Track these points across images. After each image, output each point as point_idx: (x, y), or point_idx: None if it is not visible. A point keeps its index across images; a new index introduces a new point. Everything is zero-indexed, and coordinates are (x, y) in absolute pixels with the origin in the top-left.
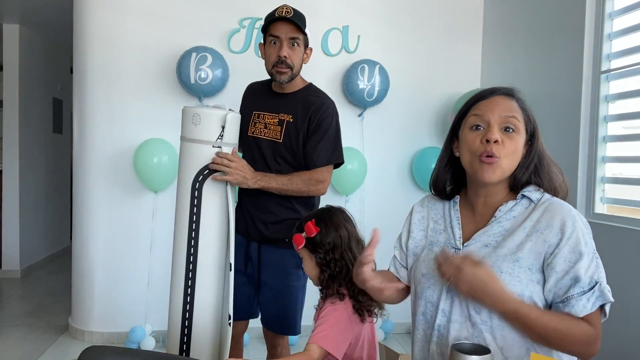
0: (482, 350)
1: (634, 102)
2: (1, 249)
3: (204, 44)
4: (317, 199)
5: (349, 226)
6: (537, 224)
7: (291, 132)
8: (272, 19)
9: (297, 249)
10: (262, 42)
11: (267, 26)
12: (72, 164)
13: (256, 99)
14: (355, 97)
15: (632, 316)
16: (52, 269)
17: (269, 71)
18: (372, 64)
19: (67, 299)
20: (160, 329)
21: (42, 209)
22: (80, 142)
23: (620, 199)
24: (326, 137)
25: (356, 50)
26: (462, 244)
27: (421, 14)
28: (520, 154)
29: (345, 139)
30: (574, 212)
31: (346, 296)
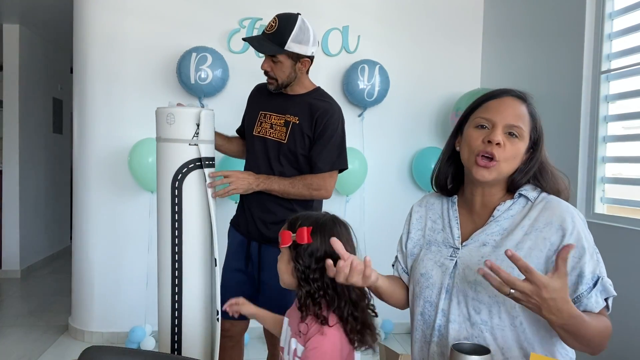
0: (482, 350)
1: (634, 102)
2: (1, 249)
3: (204, 44)
4: (320, 201)
5: (348, 248)
6: (536, 223)
7: (296, 133)
8: (262, 33)
9: (280, 245)
10: None
11: None
12: (72, 164)
13: (263, 99)
14: (355, 97)
15: (633, 316)
16: (52, 269)
17: None
18: (372, 64)
19: (67, 299)
20: None
21: (42, 209)
22: (80, 142)
23: (620, 199)
24: (331, 143)
25: (356, 50)
26: (461, 243)
27: (421, 14)
28: (520, 159)
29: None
30: (571, 208)
31: (335, 322)
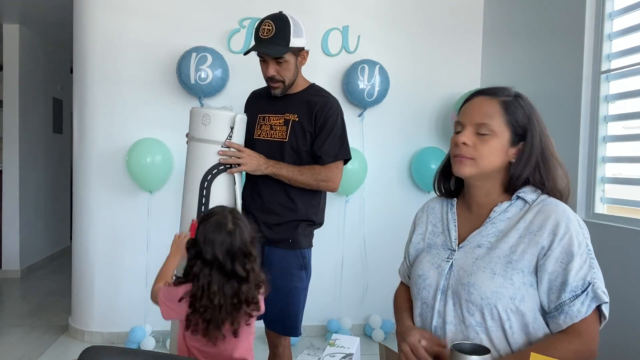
0: (482, 350)
1: (634, 102)
2: (1, 249)
3: (204, 44)
4: (323, 201)
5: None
6: (530, 226)
7: (297, 131)
8: (252, 45)
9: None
10: None
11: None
12: (72, 164)
13: (260, 103)
14: (355, 97)
15: (633, 316)
16: (52, 269)
17: (266, 82)
18: (372, 64)
19: (67, 299)
20: (160, 329)
21: (42, 209)
22: (80, 142)
23: (620, 199)
24: (332, 134)
25: (356, 50)
26: (457, 245)
27: (421, 14)
28: (501, 154)
29: None
30: (568, 212)
31: (182, 297)
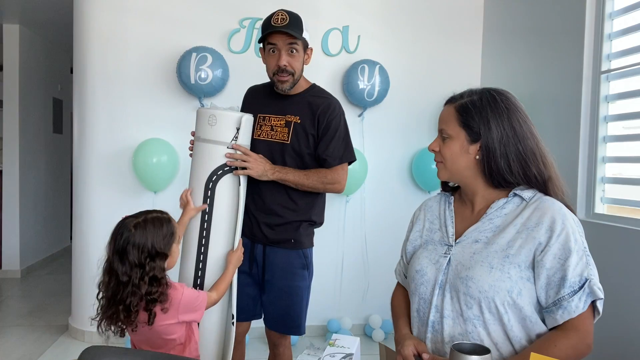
0: (482, 350)
1: (634, 102)
2: (1, 249)
3: (204, 44)
4: (323, 200)
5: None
6: (528, 222)
7: (299, 133)
8: (268, 30)
9: None
10: (261, 47)
11: (264, 35)
12: (72, 164)
13: (259, 101)
14: (355, 97)
15: (632, 316)
16: (52, 269)
17: (270, 78)
18: (372, 64)
19: (67, 299)
20: None
21: (42, 209)
22: (80, 142)
23: (620, 199)
24: (336, 137)
25: (356, 50)
26: (455, 241)
27: (421, 14)
28: (462, 153)
29: None
30: (564, 210)
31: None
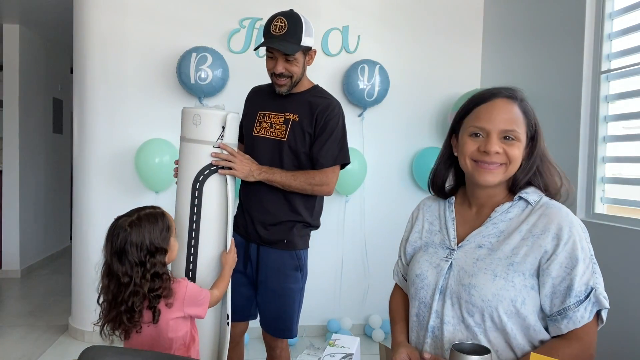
0: (482, 350)
1: (634, 102)
2: (1, 249)
3: (204, 44)
4: (320, 204)
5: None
6: (534, 228)
7: (296, 131)
8: (264, 42)
9: None
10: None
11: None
12: (72, 164)
13: (261, 99)
14: (355, 97)
15: (632, 316)
16: (52, 269)
17: (270, 78)
18: (372, 64)
19: (67, 299)
20: None
21: (42, 209)
22: (80, 142)
23: (620, 199)
24: (332, 138)
25: (356, 50)
26: (457, 245)
27: (421, 14)
28: (521, 158)
29: None
30: (571, 216)
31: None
